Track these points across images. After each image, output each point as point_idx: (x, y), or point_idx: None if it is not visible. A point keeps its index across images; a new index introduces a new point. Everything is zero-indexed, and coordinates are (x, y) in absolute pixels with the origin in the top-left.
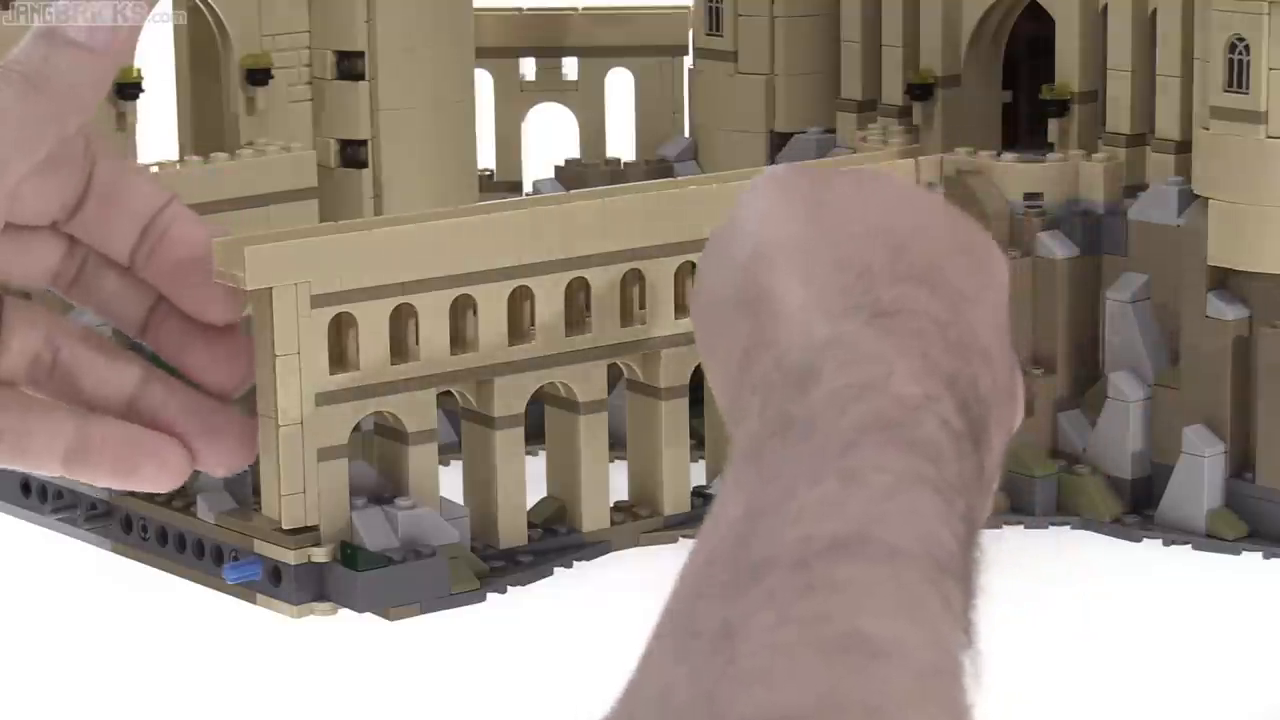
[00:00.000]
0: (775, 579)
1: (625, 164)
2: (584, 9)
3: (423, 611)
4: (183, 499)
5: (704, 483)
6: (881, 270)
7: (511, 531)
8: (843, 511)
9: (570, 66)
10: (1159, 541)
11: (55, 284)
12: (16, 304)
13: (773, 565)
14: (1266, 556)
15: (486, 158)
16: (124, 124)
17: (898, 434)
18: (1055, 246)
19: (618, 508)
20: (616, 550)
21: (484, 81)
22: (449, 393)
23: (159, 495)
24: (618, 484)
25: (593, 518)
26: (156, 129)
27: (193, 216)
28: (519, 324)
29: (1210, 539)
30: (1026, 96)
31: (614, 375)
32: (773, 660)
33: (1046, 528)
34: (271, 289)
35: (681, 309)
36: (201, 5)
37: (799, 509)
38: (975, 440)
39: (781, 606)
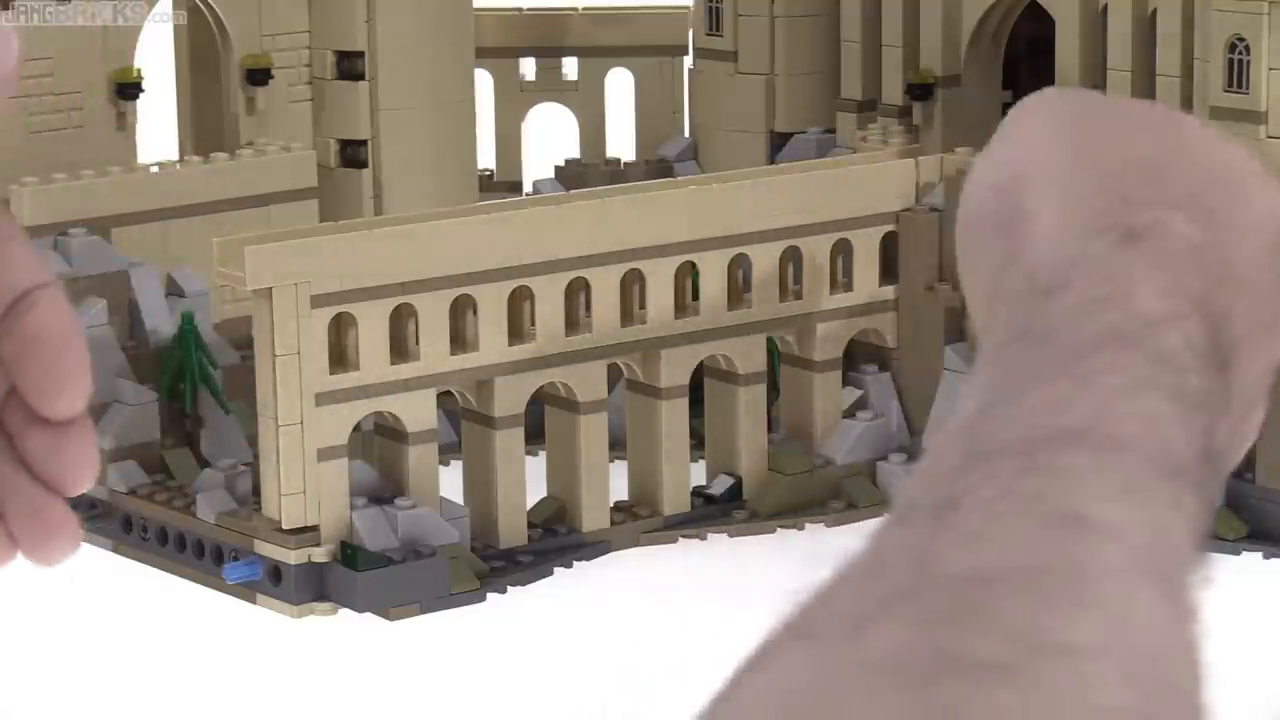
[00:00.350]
0: (1000, 461)
1: (625, 164)
2: (584, 9)
3: (423, 611)
4: (183, 499)
5: (704, 483)
6: (1139, 196)
7: (511, 531)
8: (1073, 407)
9: (570, 66)
10: None
11: None
12: None
13: (1001, 452)
14: (1266, 556)
15: (486, 158)
16: (124, 124)
17: (1135, 343)
18: None
19: (618, 508)
20: (616, 550)
21: (484, 81)
22: (449, 393)
23: (159, 495)
24: (618, 484)
25: (593, 518)
26: (156, 129)
27: (64, 307)
28: (519, 324)
29: (1210, 539)
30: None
31: (614, 375)
32: (986, 525)
33: None
34: (271, 289)
35: (682, 309)
36: (201, 5)
37: (1031, 404)
38: (1222, 363)
39: (1003, 483)
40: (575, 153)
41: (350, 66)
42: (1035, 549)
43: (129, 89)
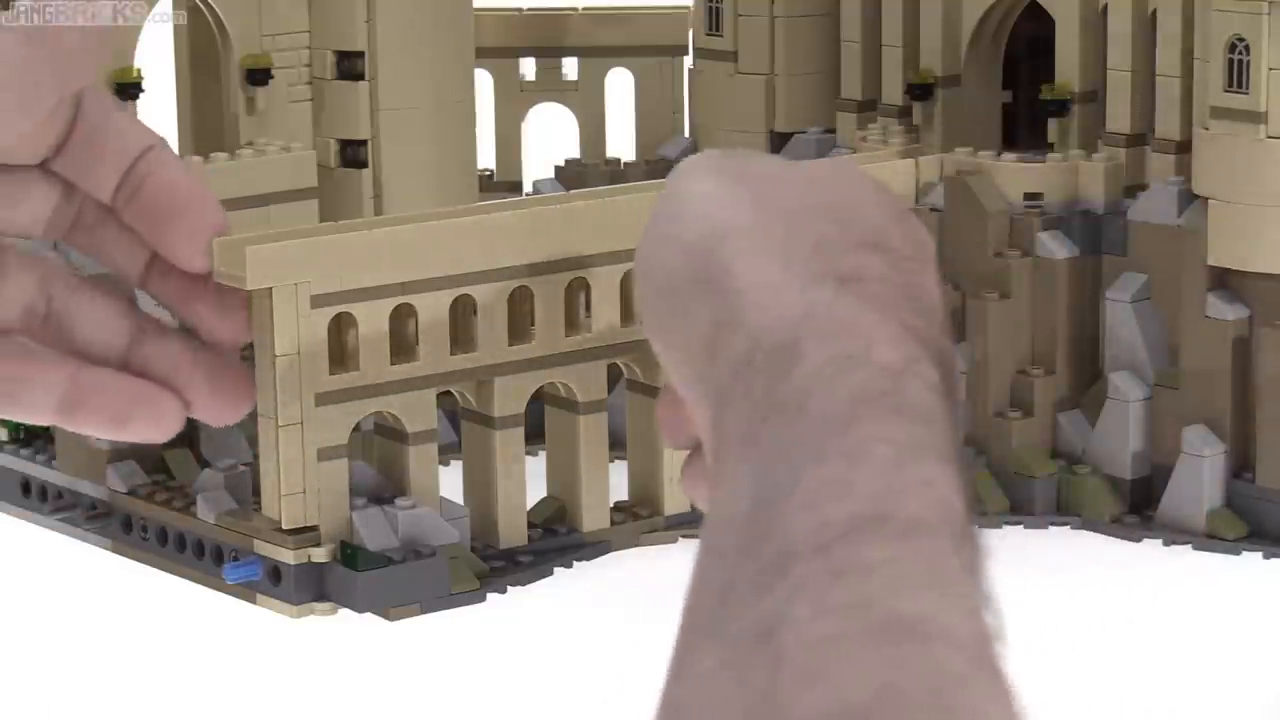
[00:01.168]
0: (801, 569)
1: (625, 164)
2: (584, 9)
3: (423, 611)
4: (183, 499)
5: None
6: (835, 241)
7: (511, 531)
8: (854, 490)
9: (570, 66)
10: (1159, 541)
11: (52, 232)
12: (10, 251)
13: (795, 555)
14: (1266, 556)
15: (486, 158)
16: None
17: (889, 402)
18: (1055, 246)
19: (618, 508)
20: (616, 550)
21: (484, 81)
22: (449, 393)
23: (159, 495)
24: (618, 484)
25: (593, 518)
26: (156, 129)
27: (176, 162)
28: (519, 324)
29: (1210, 539)
30: (1026, 96)
31: (614, 375)
32: (822, 655)
33: (1046, 528)
34: (271, 289)
35: None
36: (201, 5)
37: (810, 493)
38: (950, 392)
39: (815, 597)
40: (575, 153)
41: (350, 66)
42: (882, 674)
43: (129, 89)
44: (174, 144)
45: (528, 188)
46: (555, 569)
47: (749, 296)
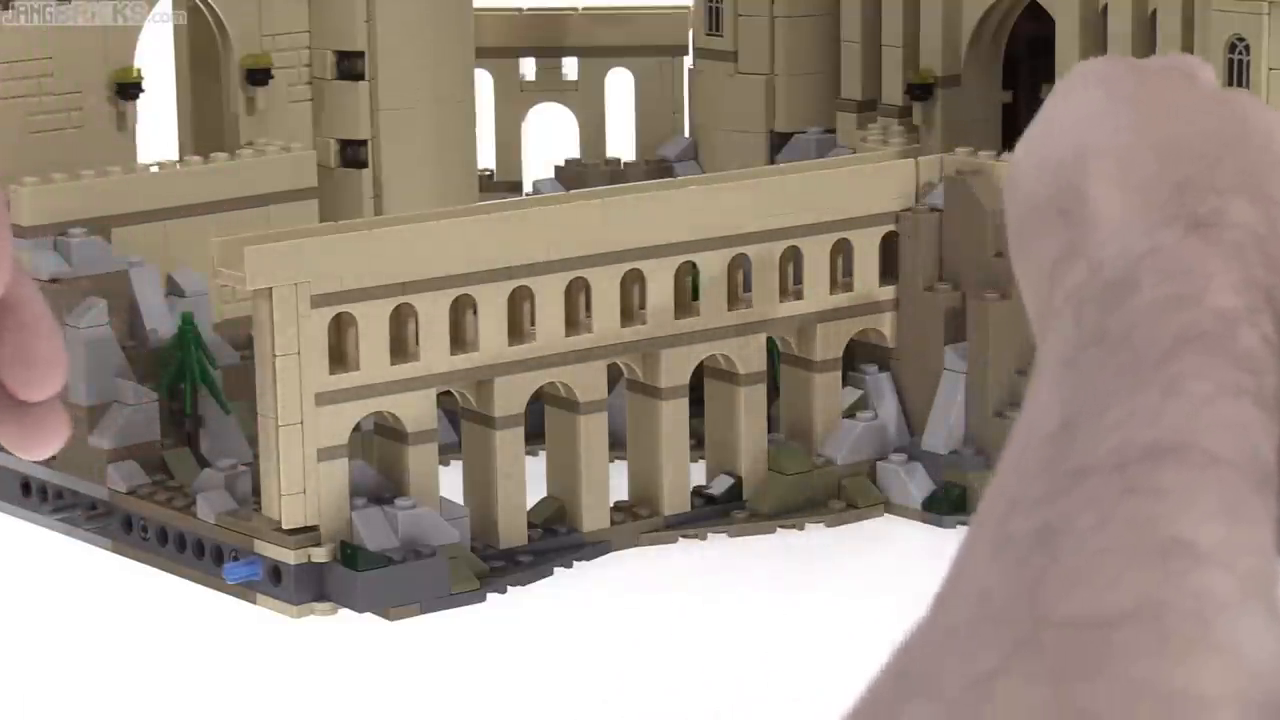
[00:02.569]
0: (1096, 482)
1: (625, 164)
2: (584, 9)
3: (423, 611)
4: (183, 499)
5: (704, 483)
6: (1200, 180)
7: (511, 531)
8: (1161, 420)
9: (570, 66)
10: None
11: None
12: None
13: (1091, 470)
14: None
15: (486, 158)
16: (124, 124)
17: (1216, 345)
18: None
19: (618, 508)
20: (616, 550)
21: (484, 81)
22: (449, 393)
23: (159, 495)
24: (618, 484)
25: (593, 518)
26: (156, 129)
27: (40, 301)
28: (519, 324)
29: None
30: (1026, 96)
31: (614, 375)
32: (1094, 562)
33: None
34: (271, 289)
35: (681, 309)
36: (201, 5)
37: (1118, 417)
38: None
39: (1103, 509)
40: (575, 153)
41: (350, 66)
42: (1149, 588)
43: (129, 89)
44: (174, 144)
45: (528, 188)
46: (555, 569)
47: (1098, 229)
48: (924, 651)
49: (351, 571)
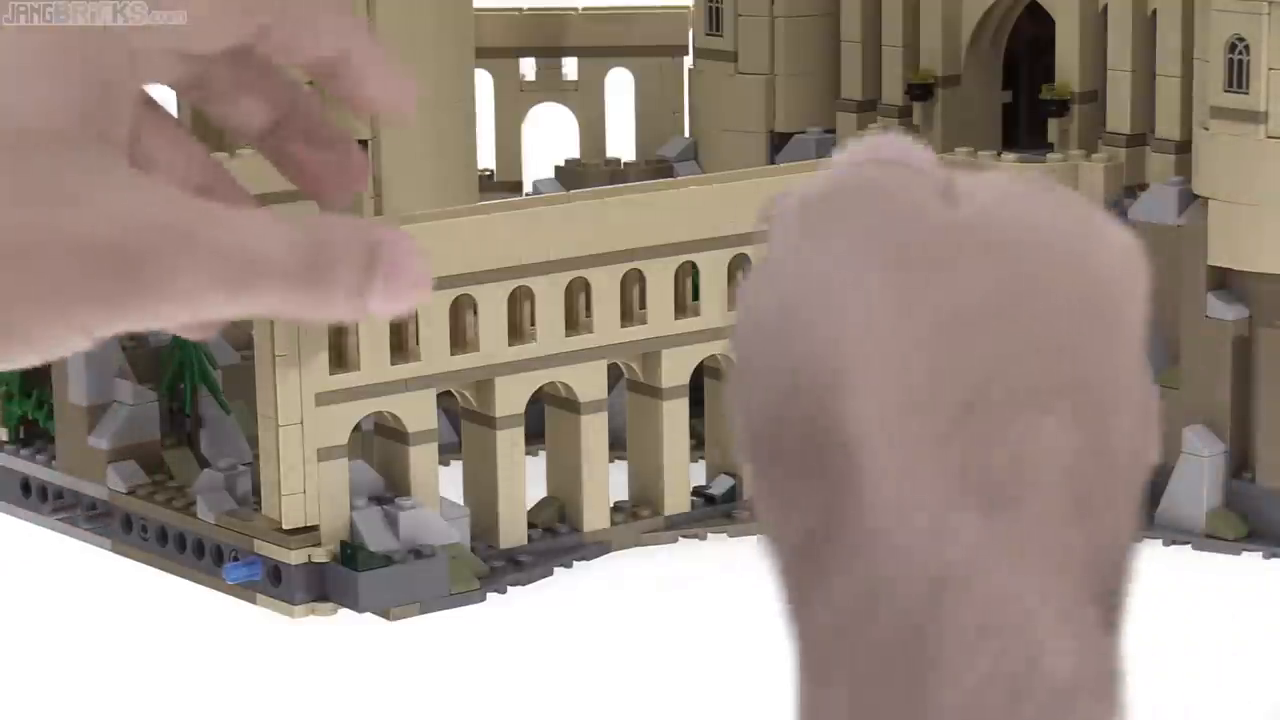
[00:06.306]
0: None
1: (625, 164)
2: (584, 9)
3: (423, 611)
4: (183, 499)
5: (704, 483)
6: (992, 390)
7: (511, 531)
8: None
9: (570, 66)
10: (1159, 541)
11: (177, 85)
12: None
13: None
14: (1266, 556)
15: (486, 158)
16: None
17: None
18: None
19: (618, 508)
20: (616, 550)
21: (484, 81)
22: (449, 393)
23: (159, 495)
24: (618, 484)
25: (593, 518)
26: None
27: (388, 72)
28: (519, 324)
29: (1210, 539)
30: (1026, 96)
31: (614, 375)
32: None
33: None
34: None
35: (681, 309)
36: None
37: None
38: (1114, 628)
39: None
40: (575, 153)
41: None
42: None
43: None
44: None
45: (528, 188)
46: (555, 569)
47: (866, 494)
48: None
49: (352, 571)
